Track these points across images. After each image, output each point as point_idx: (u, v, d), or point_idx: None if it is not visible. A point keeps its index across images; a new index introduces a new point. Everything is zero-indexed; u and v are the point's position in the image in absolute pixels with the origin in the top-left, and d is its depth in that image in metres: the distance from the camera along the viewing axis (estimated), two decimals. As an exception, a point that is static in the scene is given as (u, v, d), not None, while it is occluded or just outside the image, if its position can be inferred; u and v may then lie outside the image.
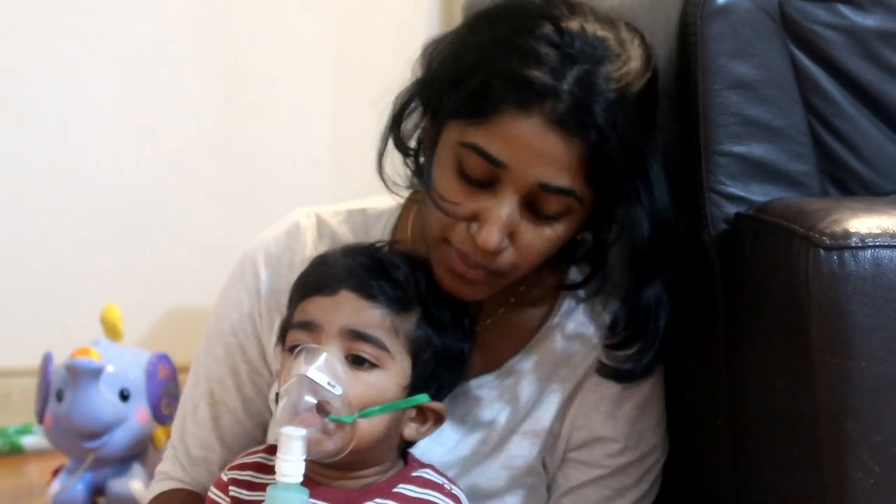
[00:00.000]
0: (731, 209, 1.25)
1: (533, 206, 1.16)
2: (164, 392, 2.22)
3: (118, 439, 2.19)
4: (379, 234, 1.34)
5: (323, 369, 1.11)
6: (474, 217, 1.16)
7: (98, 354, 2.18)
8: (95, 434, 2.15)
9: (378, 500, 1.17)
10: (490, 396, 1.31)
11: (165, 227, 2.87)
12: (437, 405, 1.20)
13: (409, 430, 1.19)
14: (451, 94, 1.17)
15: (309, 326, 1.16)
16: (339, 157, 2.95)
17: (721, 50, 1.25)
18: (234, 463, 1.25)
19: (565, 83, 1.11)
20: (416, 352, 1.18)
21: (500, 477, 1.31)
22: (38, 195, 2.83)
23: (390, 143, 1.27)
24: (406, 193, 1.34)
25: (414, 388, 1.18)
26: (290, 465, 1.08)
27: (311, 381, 1.10)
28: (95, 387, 2.13)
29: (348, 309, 1.16)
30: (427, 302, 1.20)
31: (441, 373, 1.21)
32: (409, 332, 1.18)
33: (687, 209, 1.29)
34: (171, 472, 1.40)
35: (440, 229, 1.19)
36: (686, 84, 1.27)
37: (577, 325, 1.32)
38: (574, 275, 1.34)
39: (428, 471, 1.21)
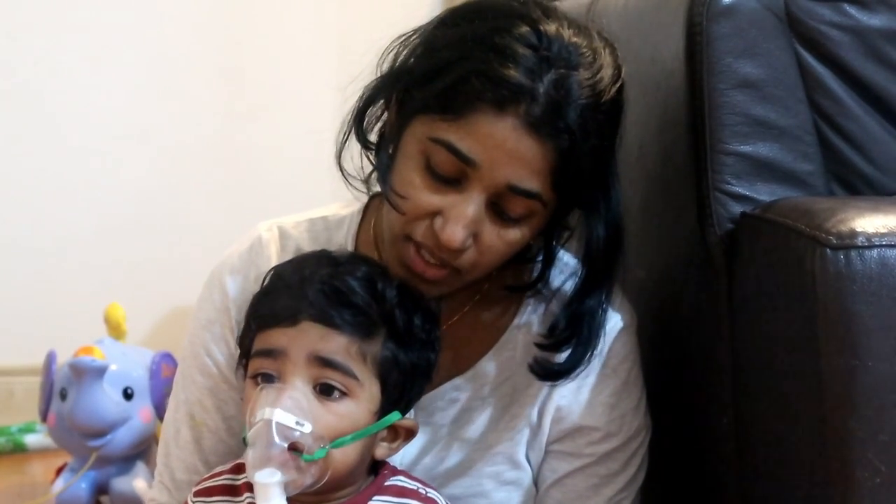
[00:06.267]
0: (737, 208, 1.26)
1: (498, 206, 1.15)
2: (168, 391, 2.20)
3: (122, 438, 2.19)
4: (341, 240, 1.33)
5: (289, 408, 1.08)
6: (439, 213, 1.15)
7: (102, 353, 2.18)
8: (99, 433, 2.15)
9: None
10: (464, 398, 1.30)
11: (168, 225, 2.87)
12: (408, 422, 1.18)
13: (381, 449, 1.18)
14: (422, 88, 1.16)
15: (273, 354, 1.13)
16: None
17: (727, 49, 1.25)
18: (200, 487, 1.22)
19: (541, 85, 1.11)
20: (385, 374, 1.15)
21: (483, 475, 1.30)
22: (41, 195, 2.84)
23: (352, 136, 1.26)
24: (364, 189, 1.32)
25: (384, 409, 1.16)
26: None
27: (279, 424, 1.07)
28: (99, 385, 2.13)
29: (313, 335, 1.13)
30: (391, 319, 1.16)
31: (410, 388, 1.19)
32: (376, 355, 1.15)
33: (693, 208, 1.29)
34: (158, 498, 1.39)
35: (402, 225, 1.17)
36: (692, 83, 1.27)
37: (542, 325, 1.31)
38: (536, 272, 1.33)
39: (401, 478, 1.19)
